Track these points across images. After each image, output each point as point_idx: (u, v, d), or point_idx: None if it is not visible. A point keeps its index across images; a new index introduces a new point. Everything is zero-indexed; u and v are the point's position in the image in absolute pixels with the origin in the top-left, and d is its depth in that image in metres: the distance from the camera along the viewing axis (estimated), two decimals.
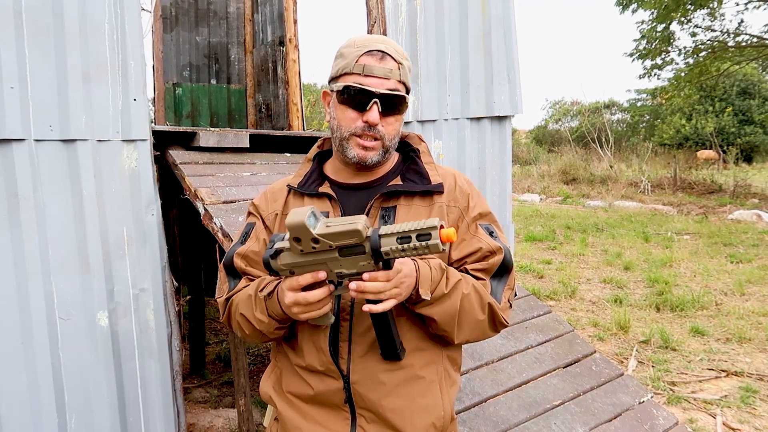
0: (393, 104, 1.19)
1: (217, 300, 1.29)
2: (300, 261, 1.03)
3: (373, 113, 1.17)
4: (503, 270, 1.24)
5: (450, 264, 1.23)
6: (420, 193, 1.25)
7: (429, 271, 1.11)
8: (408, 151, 1.35)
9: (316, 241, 0.99)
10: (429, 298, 1.09)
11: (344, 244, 0.99)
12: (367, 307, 1.03)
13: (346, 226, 0.98)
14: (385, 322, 1.10)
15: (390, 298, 1.03)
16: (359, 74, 1.17)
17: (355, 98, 1.18)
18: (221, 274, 1.31)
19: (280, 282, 1.13)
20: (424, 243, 0.95)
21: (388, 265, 1.02)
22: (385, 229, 0.98)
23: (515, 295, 1.59)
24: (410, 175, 1.28)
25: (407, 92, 1.24)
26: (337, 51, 1.25)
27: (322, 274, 1.02)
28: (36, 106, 2.27)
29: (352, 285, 1.01)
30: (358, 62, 1.17)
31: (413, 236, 0.96)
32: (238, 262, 1.27)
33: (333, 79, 1.24)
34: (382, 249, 0.97)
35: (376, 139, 1.20)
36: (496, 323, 1.23)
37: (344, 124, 1.21)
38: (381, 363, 1.18)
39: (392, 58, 1.19)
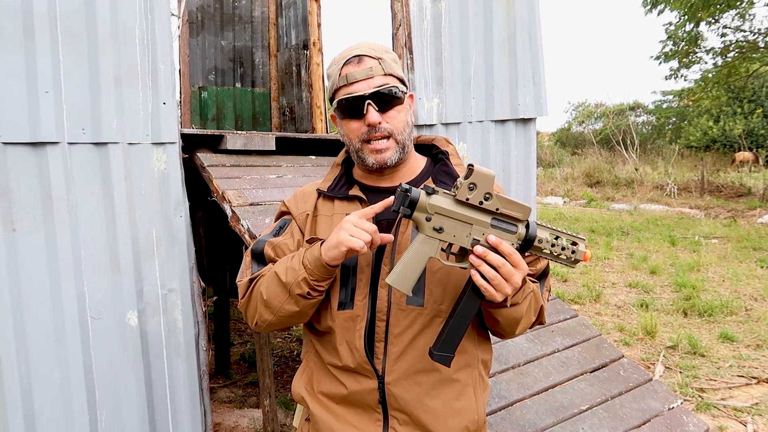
0: (387, 98, 1.20)
1: (238, 283, 1.28)
2: (450, 210, 1.02)
3: (371, 115, 1.18)
4: (543, 272, 1.28)
5: None
6: None
7: None
8: (437, 154, 1.35)
9: (488, 197, 1.00)
10: (508, 305, 1.11)
11: (506, 214, 1.01)
12: (479, 280, 1.01)
13: (521, 202, 1.01)
14: (465, 318, 1.06)
15: (499, 282, 1.01)
16: (345, 85, 1.20)
17: (350, 108, 1.21)
18: (246, 260, 1.31)
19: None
20: (571, 249, 0.98)
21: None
22: (540, 223, 1.03)
23: (550, 296, 1.61)
24: (441, 176, 1.28)
25: (403, 83, 1.25)
26: (326, 73, 1.29)
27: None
28: (69, 110, 2.33)
29: (478, 248, 1.01)
30: (340, 75, 1.21)
31: (564, 238, 0.99)
32: (269, 251, 1.27)
33: (331, 101, 1.27)
34: (538, 235, 1.00)
35: (385, 137, 1.21)
36: (537, 323, 1.28)
37: (351, 135, 1.24)
38: (416, 364, 1.18)
39: (369, 57, 1.20)
